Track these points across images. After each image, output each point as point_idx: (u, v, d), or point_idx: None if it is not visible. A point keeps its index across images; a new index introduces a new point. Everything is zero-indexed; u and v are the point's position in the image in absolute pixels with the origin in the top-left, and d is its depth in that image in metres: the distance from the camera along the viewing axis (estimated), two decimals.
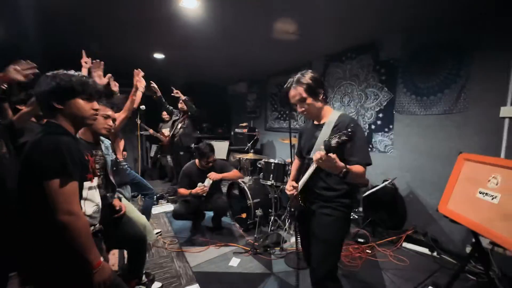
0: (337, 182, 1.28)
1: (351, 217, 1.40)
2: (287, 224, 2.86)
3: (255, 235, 2.67)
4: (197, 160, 2.78)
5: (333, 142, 1.02)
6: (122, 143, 2.76)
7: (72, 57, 1.95)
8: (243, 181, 3.02)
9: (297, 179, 1.53)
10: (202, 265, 2.25)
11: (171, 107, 4.04)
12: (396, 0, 2.10)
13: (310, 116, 1.38)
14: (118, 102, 2.03)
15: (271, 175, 2.91)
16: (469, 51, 2.30)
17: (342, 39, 3.11)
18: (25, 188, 0.93)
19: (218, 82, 6.35)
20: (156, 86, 3.55)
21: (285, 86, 1.36)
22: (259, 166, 3.21)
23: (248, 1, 2.17)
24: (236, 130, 5.38)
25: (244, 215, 2.95)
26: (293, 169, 1.65)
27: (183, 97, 3.75)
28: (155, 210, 3.55)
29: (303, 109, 1.32)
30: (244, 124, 5.32)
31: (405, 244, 2.59)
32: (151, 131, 4.42)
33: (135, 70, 2.08)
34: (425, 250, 2.48)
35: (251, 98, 5.84)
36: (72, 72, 1.03)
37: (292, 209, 1.53)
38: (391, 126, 3.00)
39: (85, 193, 1.04)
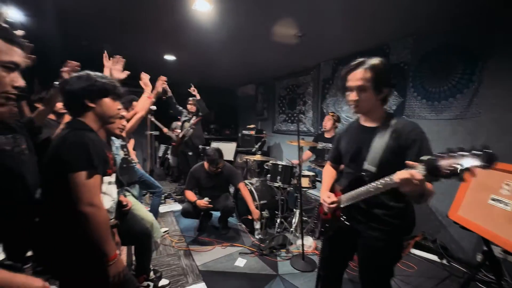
0: (391, 198, 1.08)
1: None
2: (293, 226, 2.85)
3: (261, 236, 2.67)
4: (205, 163, 2.81)
5: (445, 163, 0.72)
6: (132, 142, 2.83)
7: (87, 57, 2.02)
8: (250, 182, 3.04)
9: (331, 189, 1.37)
10: (209, 264, 2.27)
11: (180, 107, 4.10)
12: (405, 4, 2.09)
13: (360, 110, 1.15)
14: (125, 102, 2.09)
15: (278, 177, 2.91)
16: (482, 55, 2.26)
17: (351, 42, 3.11)
18: (49, 181, 0.98)
19: (227, 84, 6.41)
20: (167, 86, 3.62)
21: (350, 64, 1.11)
22: (266, 167, 3.22)
23: (259, 5, 2.20)
24: (244, 131, 5.41)
25: (250, 217, 2.97)
26: (327, 177, 1.43)
27: (198, 96, 3.88)
28: (163, 209, 3.60)
29: (357, 98, 1.09)
30: (252, 126, 5.35)
31: (413, 250, 2.55)
32: (165, 130, 4.47)
33: (161, 76, 2.10)
34: (434, 257, 2.44)
35: (259, 100, 5.87)
36: (100, 73, 1.10)
37: (327, 225, 1.34)
38: None
39: (104, 187, 1.09)
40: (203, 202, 2.59)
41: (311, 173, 2.97)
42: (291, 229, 2.86)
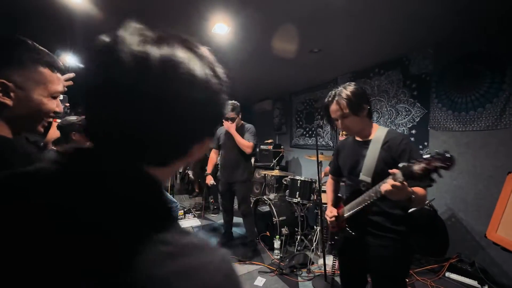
0: (390, 206, 1.14)
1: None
2: (314, 244, 2.75)
3: (281, 255, 2.59)
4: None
5: (417, 168, 0.82)
6: None
7: None
8: (268, 198, 3.01)
9: (335, 202, 1.45)
10: None
11: None
12: (424, 14, 2.07)
13: (352, 132, 1.27)
14: None
15: (297, 193, 2.86)
16: (510, 62, 2.14)
17: (368, 55, 3.08)
18: None
19: (244, 101, 6.53)
20: None
21: (325, 100, 1.24)
22: (285, 183, 3.18)
23: (275, 23, 2.28)
24: (262, 146, 5.42)
25: (268, 233, 2.90)
26: (329, 191, 1.51)
27: None
28: (182, 224, 3.63)
29: (345, 125, 1.19)
30: (270, 141, 5.36)
31: (448, 274, 2.33)
32: None
33: None
34: (473, 282, 2.20)
35: (276, 115, 5.91)
36: None
37: (336, 238, 1.37)
38: (426, 143, 2.83)
39: None
40: (209, 178, 2.77)
41: None
42: (312, 247, 2.75)
